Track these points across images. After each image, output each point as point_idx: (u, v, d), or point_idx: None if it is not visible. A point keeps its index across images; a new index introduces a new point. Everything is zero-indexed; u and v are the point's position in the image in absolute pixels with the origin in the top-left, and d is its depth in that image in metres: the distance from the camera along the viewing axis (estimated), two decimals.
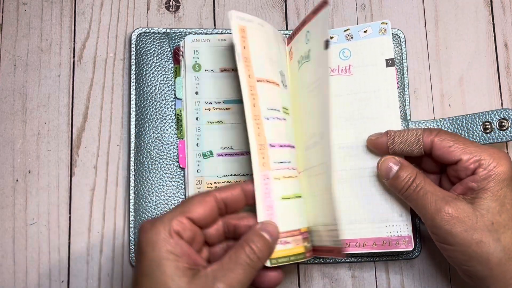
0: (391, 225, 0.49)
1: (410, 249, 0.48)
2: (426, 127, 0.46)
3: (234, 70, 0.52)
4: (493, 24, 0.57)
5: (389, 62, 0.51)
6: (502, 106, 0.56)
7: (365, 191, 0.49)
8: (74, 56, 0.53)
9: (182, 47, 0.52)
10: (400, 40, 0.55)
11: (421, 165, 0.49)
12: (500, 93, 0.56)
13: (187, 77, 0.52)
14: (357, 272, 0.52)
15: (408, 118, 0.54)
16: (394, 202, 0.49)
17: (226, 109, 0.52)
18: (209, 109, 0.51)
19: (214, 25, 0.55)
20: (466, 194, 0.44)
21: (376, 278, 0.52)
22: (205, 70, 0.52)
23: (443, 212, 0.43)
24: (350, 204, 0.50)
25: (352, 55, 0.52)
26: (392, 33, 0.55)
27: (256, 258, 0.40)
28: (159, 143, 0.51)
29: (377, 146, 0.48)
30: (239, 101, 0.51)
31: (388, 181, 0.46)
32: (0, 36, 0.53)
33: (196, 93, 0.51)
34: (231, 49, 0.52)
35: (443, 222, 0.42)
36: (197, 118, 0.51)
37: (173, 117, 0.52)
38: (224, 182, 0.50)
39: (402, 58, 0.55)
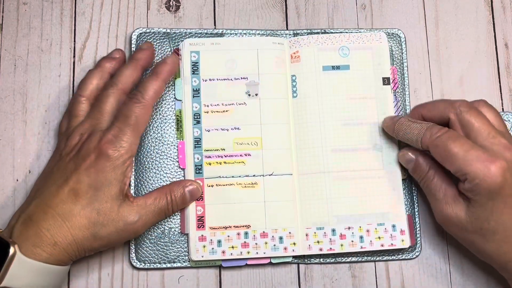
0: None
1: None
2: (434, 124, 0.47)
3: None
4: (493, 24, 0.57)
5: (385, 81, 0.53)
6: (502, 106, 0.56)
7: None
8: (74, 56, 0.53)
9: (181, 49, 0.52)
10: (400, 40, 0.55)
11: None
12: (500, 93, 0.56)
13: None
14: (357, 272, 0.52)
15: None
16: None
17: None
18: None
19: (215, 25, 0.55)
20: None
21: (376, 278, 0.52)
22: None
23: (440, 213, 0.47)
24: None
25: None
26: (392, 33, 0.55)
27: (171, 209, 0.48)
28: (159, 143, 0.51)
29: (387, 130, 0.51)
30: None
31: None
32: (0, 36, 0.53)
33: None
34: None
35: (441, 221, 0.48)
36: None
37: (173, 118, 0.52)
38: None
39: (402, 58, 0.55)
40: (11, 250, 0.41)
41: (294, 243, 0.50)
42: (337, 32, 0.54)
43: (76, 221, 0.43)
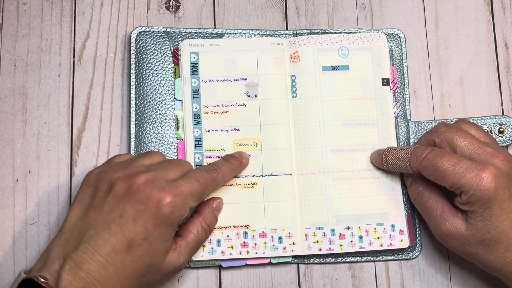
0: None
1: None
2: (417, 146, 0.48)
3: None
4: (493, 24, 0.57)
5: (385, 81, 0.53)
6: (502, 106, 0.56)
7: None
8: (74, 56, 0.53)
9: (180, 50, 0.52)
10: (400, 40, 0.55)
11: None
12: (500, 93, 0.56)
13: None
14: (357, 272, 0.52)
15: (408, 118, 0.54)
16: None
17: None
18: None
19: (214, 25, 0.55)
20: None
21: (376, 278, 0.52)
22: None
23: (441, 230, 0.47)
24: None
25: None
26: (392, 33, 0.55)
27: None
28: (159, 143, 0.51)
29: (377, 165, 0.52)
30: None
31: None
32: (0, 36, 0.53)
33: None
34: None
35: (441, 238, 0.48)
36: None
37: (173, 118, 0.52)
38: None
39: (402, 58, 0.55)
40: None
41: (294, 243, 0.50)
42: (336, 33, 0.54)
43: (126, 271, 0.42)
